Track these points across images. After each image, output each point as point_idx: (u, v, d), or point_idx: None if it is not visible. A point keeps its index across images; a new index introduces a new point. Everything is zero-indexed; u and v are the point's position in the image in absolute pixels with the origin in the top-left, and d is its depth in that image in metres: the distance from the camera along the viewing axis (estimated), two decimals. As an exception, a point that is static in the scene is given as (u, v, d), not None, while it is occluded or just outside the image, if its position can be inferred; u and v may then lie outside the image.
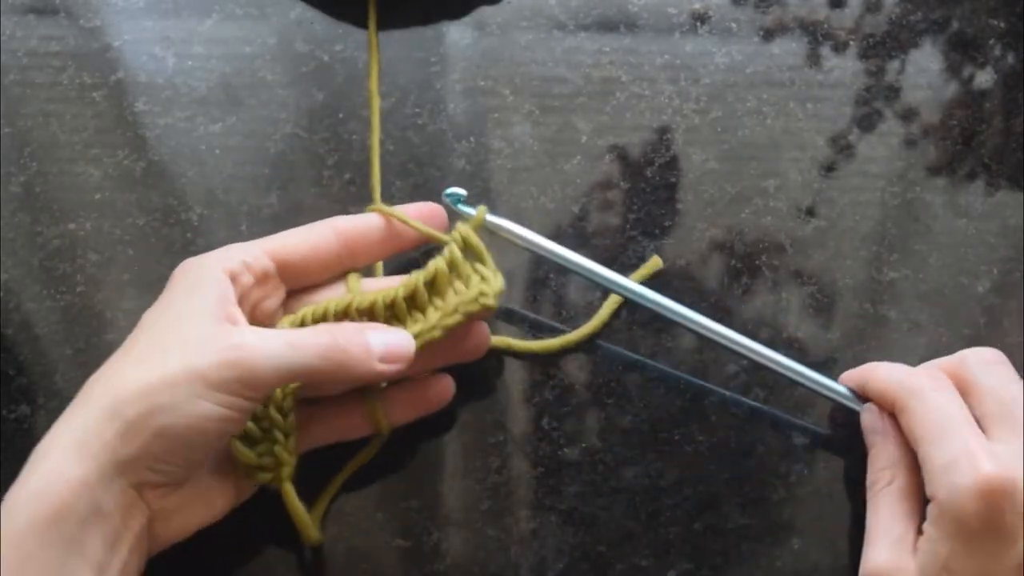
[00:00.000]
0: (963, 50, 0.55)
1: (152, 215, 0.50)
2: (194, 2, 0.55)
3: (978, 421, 0.40)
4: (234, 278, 0.41)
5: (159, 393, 0.36)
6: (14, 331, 0.48)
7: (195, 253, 0.42)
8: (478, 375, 0.47)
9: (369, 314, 0.43)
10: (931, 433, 0.39)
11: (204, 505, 0.40)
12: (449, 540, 0.45)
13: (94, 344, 0.48)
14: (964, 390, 0.41)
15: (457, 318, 0.42)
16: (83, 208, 0.50)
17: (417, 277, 0.44)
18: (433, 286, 0.44)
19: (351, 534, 0.45)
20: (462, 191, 0.47)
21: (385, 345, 0.40)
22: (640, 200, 0.51)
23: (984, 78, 0.54)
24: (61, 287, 0.49)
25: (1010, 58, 0.55)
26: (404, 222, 0.45)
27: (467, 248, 0.44)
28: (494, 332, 0.48)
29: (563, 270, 0.49)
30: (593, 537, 0.45)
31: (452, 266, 0.44)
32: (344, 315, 0.43)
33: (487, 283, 0.43)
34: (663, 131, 0.53)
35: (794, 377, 0.45)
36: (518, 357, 0.48)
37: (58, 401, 0.47)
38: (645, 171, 0.52)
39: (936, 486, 0.38)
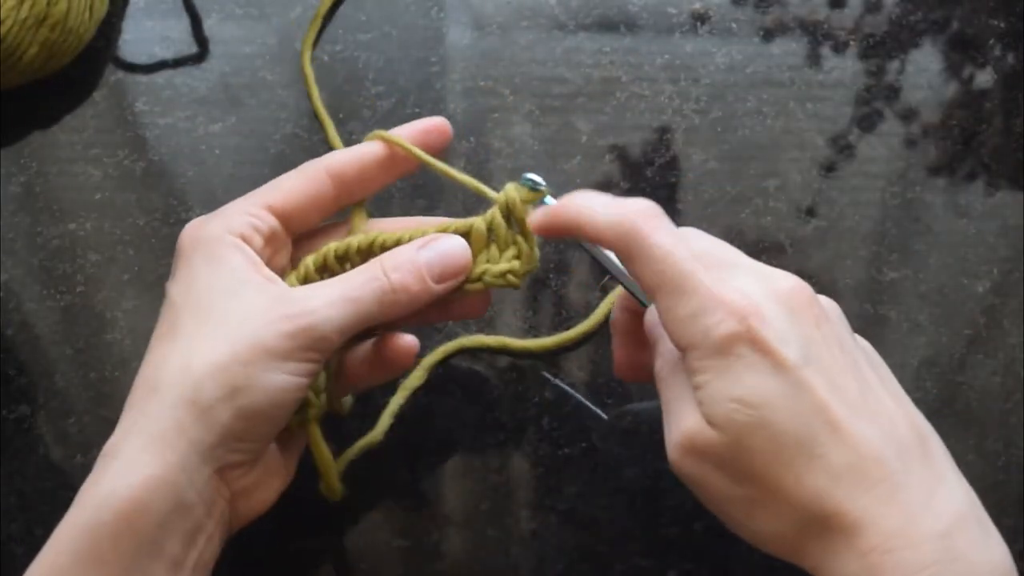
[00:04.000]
0: (963, 50, 0.55)
1: (152, 215, 0.50)
2: (194, 2, 0.55)
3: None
4: (247, 241, 0.39)
5: (232, 374, 0.35)
6: (14, 331, 0.48)
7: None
8: (478, 375, 0.47)
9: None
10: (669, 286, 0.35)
11: (279, 475, 0.40)
12: (449, 540, 0.45)
13: (94, 344, 0.48)
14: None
15: (479, 287, 0.40)
16: (83, 208, 0.50)
17: (452, 226, 0.41)
18: (467, 240, 0.40)
19: (351, 534, 0.45)
20: (538, 179, 0.41)
21: (441, 262, 0.39)
22: (640, 200, 0.51)
23: (984, 78, 0.54)
24: (61, 287, 0.49)
25: (1010, 58, 0.55)
26: (407, 150, 0.41)
27: (510, 215, 0.41)
28: (493, 332, 0.48)
29: (563, 270, 0.49)
30: (593, 537, 0.45)
31: (491, 228, 0.41)
32: (368, 252, 0.40)
33: (521, 260, 0.40)
34: (663, 131, 0.53)
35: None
36: (518, 356, 0.48)
37: (58, 401, 0.47)
38: (645, 171, 0.52)
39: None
